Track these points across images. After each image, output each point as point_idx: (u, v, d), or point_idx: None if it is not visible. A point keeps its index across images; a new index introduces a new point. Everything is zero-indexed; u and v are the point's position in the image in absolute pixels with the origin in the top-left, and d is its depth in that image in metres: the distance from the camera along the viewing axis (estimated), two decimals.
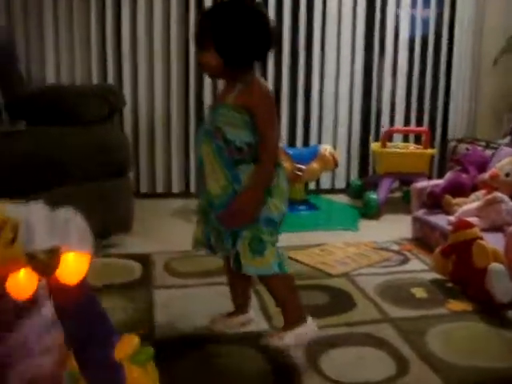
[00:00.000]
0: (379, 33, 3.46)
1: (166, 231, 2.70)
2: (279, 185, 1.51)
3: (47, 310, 1.09)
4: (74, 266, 0.99)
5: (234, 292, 1.70)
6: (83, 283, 1.01)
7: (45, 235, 0.95)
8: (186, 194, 3.39)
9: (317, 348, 1.57)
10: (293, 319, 1.54)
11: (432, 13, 3.51)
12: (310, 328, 1.55)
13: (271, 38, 1.49)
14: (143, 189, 3.33)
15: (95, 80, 3.17)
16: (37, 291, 0.98)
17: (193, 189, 3.39)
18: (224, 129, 1.47)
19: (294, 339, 1.52)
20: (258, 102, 1.47)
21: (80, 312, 1.03)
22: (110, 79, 3.19)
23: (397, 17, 3.47)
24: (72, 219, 1.02)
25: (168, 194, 3.39)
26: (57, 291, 1.01)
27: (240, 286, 1.68)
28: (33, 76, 3.11)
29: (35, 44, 3.12)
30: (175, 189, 3.39)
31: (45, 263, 0.95)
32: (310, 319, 1.56)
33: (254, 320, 1.73)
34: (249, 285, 1.70)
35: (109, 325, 1.08)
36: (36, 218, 0.96)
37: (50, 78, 3.13)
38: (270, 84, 3.27)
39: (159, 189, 3.37)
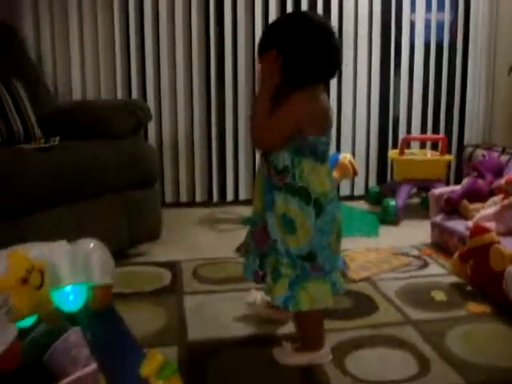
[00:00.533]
0: (395, 40, 3.53)
1: (192, 239, 2.79)
2: (300, 220, 1.47)
3: None
4: (99, 297, 1.08)
5: None
6: (109, 309, 1.10)
7: (68, 273, 1.03)
8: (208, 203, 3.49)
9: (343, 349, 1.65)
10: (310, 345, 1.59)
11: (446, 17, 3.57)
12: (324, 356, 1.58)
13: (337, 59, 1.47)
14: (168, 198, 3.43)
15: (119, 95, 3.28)
16: None
17: (216, 198, 3.49)
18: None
19: (304, 361, 1.57)
20: (306, 111, 1.44)
21: (106, 333, 1.11)
22: (135, 94, 3.29)
23: (412, 22, 3.53)
24: (93, 251, 1.09)
25: (192, 204, 3.48)
26: (86, 319, 1.09)
27: None
28: (59, 92, 3.22)
29: (61, 60, 3.22)
30: (198, 198, 3.49)
31: (73, 299, 1.03)
32: (326, 347, 1.59)
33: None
34: None
35: (134, 343, 1.15)
36: (59, 257, 1.03)
37: (76, 94, 3.24)
38: None
39: (183, 198, 3.47)
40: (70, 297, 1.02)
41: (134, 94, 3.29)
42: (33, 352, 0.92)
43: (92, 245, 1.10)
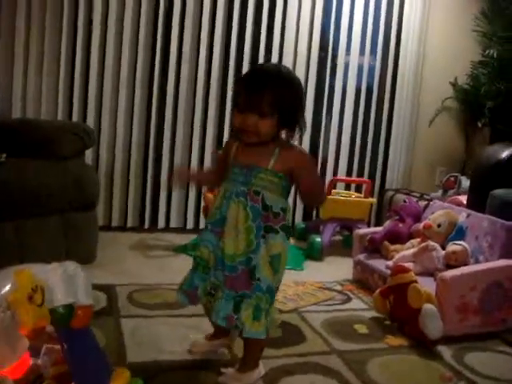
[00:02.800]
0: (329, 82, 3.77)
1: (125, 264, 2.83)
2: (285, 255, 1.61)
3: None
4: (82, 316, 1.16)
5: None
6: (87, 327, 1.18)
7: (61, 294, 1.11)
8: (139, 228, 3.54)
9: (275, 375, 1.76)
10: (253, 365, 1.70)
11: (378, 62, 3.86)
12: (261, 371, 1.71)
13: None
14: (100, 222, 3.43)
15: (60, 116, 3.29)
16: None
17: (147, 224, 3.54)
18: (263, 194, 1.55)
19: (252, 380, 1.68)
20: (301, 161, 1.59)
21: (83, 350, 1.19)
22: (75, 116, 3.32)
23: (346, 64, 3.78)
24: (78, 273, 1.19)
25: (123, 228, 3.51)
26: (67, 334, 1.17)
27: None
28: None
29: (4, 76, 3.20)
30: (130, 223, 3.53)
31: (63, 318, 1.11)
32: (260, 363, 1.72)
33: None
34: None
35: (105, 360, 1.23)
36: (54, 279, 1.11)
37: (16, 111, 3.22)
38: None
39: (115, 222, 3.50)
40: (60, 315, 1.09)
41: (75, 117, 3.32)
42: None
43: (75, 267, 1.17)
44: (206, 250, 1.66)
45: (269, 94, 1.51)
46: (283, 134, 1.63)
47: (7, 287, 1.00)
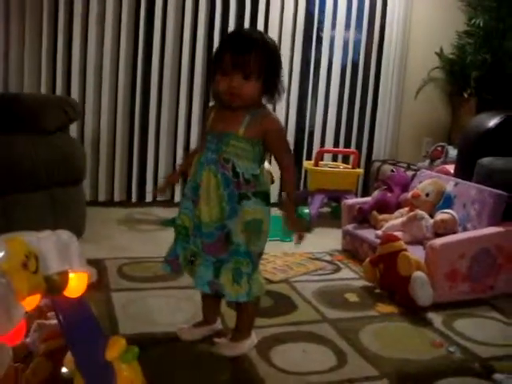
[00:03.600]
0: (315, 57, 3.75)
1: (113, 238, 2.82)
2: (266, 221, 1.62)
3: None
4: (77, 284, 1.15)
5: (206, 307, 1.80)
6: (82, 296, 1.17)
7: (55, 261, 1.09)
8: (127, 203, 3.52)
9: (268, 344, 1.77)
10: (246, 333, 1.72)
11: (363, 36, 3.84)
12: (254, 340, 1.74)
13: None
14: (86, 197, 3.40)
15: (43, 90, 3.23)
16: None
17: (134, 198, 3.52)
18: (233, 161, 1.55)
19: (246, 348, 1.70)
20: (274, 130, 1.59)
21: (79, 319, 1.18)
22: (59, 89, 3.26)
23: (331, 39, 3.76)
24: (72, 243, 1.17)
25: (110, 203, 3.50)
26: (62, 303, 1.16)
27: (212, 302, 1.79)
28: None
29: None
30: (117, 197, 3.51)
31: (58, 285, 1.10)
32: (253, 333, 1.74)
33: (220, 329, 1.83)
34: (220, 301, 1.80)
35: (100, 328, 1.23)
36: (47, 246, 1.09)
37: None
38: None
39: (101, 197, 3.48)
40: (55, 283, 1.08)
41: (58, 90, 3.26)
42: None
43: (69, 235, 1.16)
44: (186, 218, 1.65)
45: (256, 55, 1.52)
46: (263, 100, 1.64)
47: (0, 255, 0.98)
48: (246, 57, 1.51)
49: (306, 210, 3.28)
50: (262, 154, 1.61)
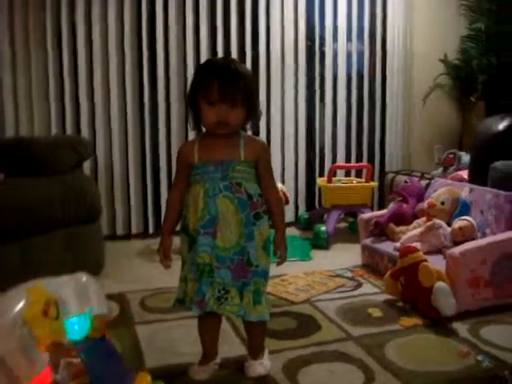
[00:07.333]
0: (319, 72, 3.78)
1: (133, 271, 2.83)
2: (270, 239, 1.68)
3: None
4: (98, 326, 1.17)
5: (211, 341, 1.77)
6: (104, 336, 1.19)
7: (75, 305, 1.12)
8: (144, 234, 3.53)
9: (294, 366, 1.77)
10: (263, 348, 1.78)
11: (366, 47, 3.86)
12: (267, 352, 1.79)
13: None
14: (104, 231, 3.42)
15: (53, 131, 3.27)
16: None
17: (151, 229, 3.54)
18: (244, 184, 1.61)
19: (269, 363, 1.75)
20: (264, 151, 1.68)
21: (101, 358, 1.19)
22: (69, 129, 3.30)
23: (335, 52, 3.79)
24: (90, 284, 1.19)
25: (128, 236, 3.51)
26: (85, 346, 1.18)
27: (217, 333, 1.78)
28: None
29: None
30: (134, 230, 3.53)
31: (80, 329, 1.12)
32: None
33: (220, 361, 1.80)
34: (219, 329, 1.80)
35: (125, 365, 1.24)
36: (66, 291, 1.12)
37: (9, 130, 3.20)
38: None
39: (119, 231, 3.51)
40: (76, 327, 1.09)
41: (69, 130, 3.31)
42: None
43: (86, 277, 1.18)
44: (205, 255, 1.63)
45: (239, 85, 1.58)
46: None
47: (21, 304, 1.00)
48: (232, 88, 1.57)
49: (323, 228, 3.27)
50: (258, 175, 1.67)
